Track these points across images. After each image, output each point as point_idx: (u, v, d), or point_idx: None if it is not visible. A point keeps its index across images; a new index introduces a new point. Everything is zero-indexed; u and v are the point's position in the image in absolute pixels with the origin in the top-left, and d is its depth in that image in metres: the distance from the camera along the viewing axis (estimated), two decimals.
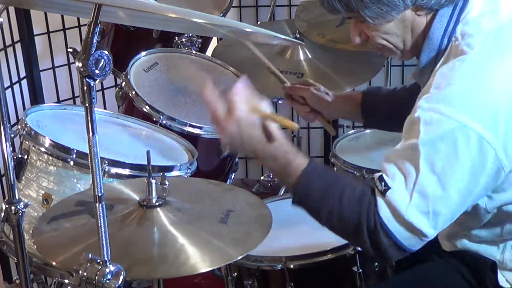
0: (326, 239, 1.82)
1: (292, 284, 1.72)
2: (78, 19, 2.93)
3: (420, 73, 1.54)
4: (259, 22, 3.23)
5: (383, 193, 1.38)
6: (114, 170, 1.79)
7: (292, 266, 1.72)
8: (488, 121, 1.33)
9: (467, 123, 1.33)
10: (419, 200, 1.35)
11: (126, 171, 1.81)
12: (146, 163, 1.51)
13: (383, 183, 1.38)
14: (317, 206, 1.44)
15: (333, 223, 1.44)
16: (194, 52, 2.49)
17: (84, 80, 1.17)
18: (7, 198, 1.59)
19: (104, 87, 3.09)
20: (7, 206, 1.57)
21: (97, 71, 1.17)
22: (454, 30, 1.46)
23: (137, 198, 1.54)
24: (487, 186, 1.39)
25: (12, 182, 1.58)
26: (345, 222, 1.41)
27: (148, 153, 1.51)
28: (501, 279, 1.53)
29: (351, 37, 1.58)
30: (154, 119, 2.12)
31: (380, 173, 1.41)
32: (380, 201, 1.38)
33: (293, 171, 1.44)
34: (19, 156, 1.83)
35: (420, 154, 1.35)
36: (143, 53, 2.35)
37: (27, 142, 1.84)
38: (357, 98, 1.94)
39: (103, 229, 1.25)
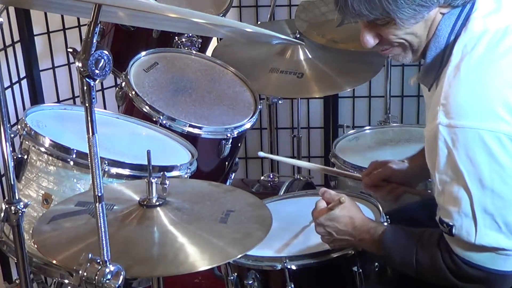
0: None
1: (293, 284, 1.71)
2: (78, 19, 2.93)
3: (425, 73, 1.52)
4: (259, 22, 3.23)
5: (450, 233, 1.41)
6: (114, 170, 1.79)
7: (292, 266, 1.72)
8: (510, 118, 1.33)
9: (490, 127, 1.32)
10: (484, 220, 1.37)
11: (126, 171, 1.81)
12: (146, 163, 1.51)
13: (444, 224, 1.41)
14: (404, 271, 1.59)
15: (425, 278, 1.54)
16: (194, 52, 2.49)
17: (84, 80, 1.17)
18: (7, 198, 1.59)
19: (104, 87, 3.09)
20: (7, 206, 1.57)
21: (97, 71, 1.17)
22: (460, 29, 1.44)
23: (137, 198, 1.54)
24: None
25: (12, 182, 1.58)
26: (432, 276, 1.50)
27: (148, 153, 1.51)
28: None
29: (362, 39, 1.52)
30: (154, 119, 2.12)
31: (438, 217, 1.44)
32: (451, 241, 1.43)
33: (378, 245, 1.59)
34: (19, 156, 1.83)
35: (464, 175, 1.35)
36: (143, 53, 2.35)
37: (27, 142, 1.84)
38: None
39: (103, 229, 1.25)
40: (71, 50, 1.18)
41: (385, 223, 1.73)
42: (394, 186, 1.88)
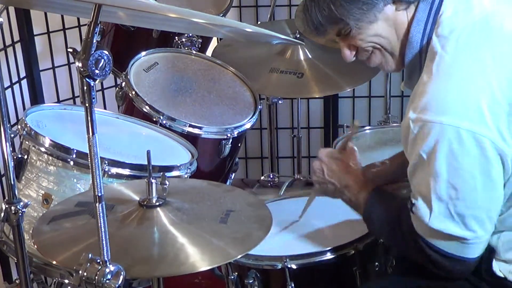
0: (327, 238, 1.82)
1: (293, 283, 1.72)
2: (78, 19, 2.93)
3: (408, 78, 1.59)
4: (259, 22, 3.23)
5: (412, 211, 1.48)
6: (114, 170, 1.79)
7: (292, 266, 1.72)
8: (474, 115, 1.37)
9: (454, 123, 1.37)
10: (438, 207, 1.43)
11: (126, 171, 1.81)
12: (146, 163, 1.51)
13: (410, 201, 1.48)
14: (380, 235, 1.70)
15: (397, 245, 1.64)
16: (194, 52, 2.49)
17: (84, 80, 1.17)
18: (7, 198, 1.59)
19: (104, 87, 3.09)
20: (7, 206, 1.57)
21: (97, 71, 1.17)
22: (431, 31, 1.49)
23: (137, 198, 1.54)
24: (504, 178, 1.42)
25: (12, 182, 1.58)
26: (406, 245, 1.55)
27: (148, 153, 1.51)
28: (495, 267, 1.54)
29: (343, 56, 1.62)
30: (154, 119, 2.12)
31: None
32: (413, 219, 1.49)
33: (361, 197, 1.66)
34: (19, 156, 1.83)
35: (424, 165, 1.42)
36: (143, 53, 2.35)
37: (27, 142, 1.84)
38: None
39: (103, 229, 1.25)
40: (71, 50, 1.18)
41: None
42: None
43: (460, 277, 1.54)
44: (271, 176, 2.87)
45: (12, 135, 1.78)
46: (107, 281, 1.25)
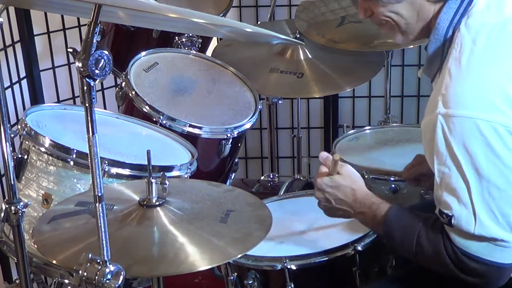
0: (326, 239, 1.82)
1: (292, 284, 1.72)
2: (78, 19, 2.93)
3: (428, 65, 1.56)
4: (259, 22, 3.23)
5: (449, 223, 1.42)
6: (114, 170, 1.79)
7: (292, 267, 1.72)
8: (508, 110, 1.34)
9: (487, 117, 1.34)
10: (483, 210, 1.38)
11: (126, 171, 1.81)
12: (146, 163, 1.51)
13: (444, 215, 1.42)
14: (403, 252, 1.59)
15: (424, 263, 1.54)
16: (194, 52, 2.49)
17: (84, 80, 1.17)
18: (7, 198, 1.59)
19: (104, 87, 3.09)
20: (7, 206, 1.58)
21: (97, 71, 1.17)
22: (459, 22, 1.47)
23: (137, 198, 1.54)
24: None
25: (12, 182, 1.58)
26: (431, 262, 1.50)
27: (148, 153, 1.51)
28: None
29: (358, 11, 1.61)
30: (154, 119, 2.12)
31: (437, 209, 1.45)
32: (450, 231, 1.44)
33: (379, 220, 1.58)
34: (19, 156, 1.83)
35: (461, 164, 1.37)
36: (143, 53, 2.35)
37: (27, 142, 1.84)
38: None
39: (103, 229, 1.25)
40: (71, 50, 1.18)
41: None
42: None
43: (496, 285, 1.48)
44: (271, 176, 2.87)
45: (12, 135, 1.78)
46: (107, 281, 1.25)
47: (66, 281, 1.82)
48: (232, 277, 1.80)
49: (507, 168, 1.36)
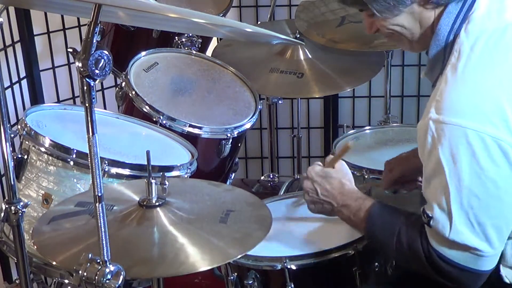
0: (327, 239, 1.82)
1: (292, 284, 1.71)
2: (78, 19, 2.93)
3: (430, 69, 1.56)
4: (259, 22, 3.23)
5: (428, 224, 1.44)
6: (114, 170, 1.79)
7: (292, 266, 1.72)
8: (499, 121, 1.34)
9: (477, 127, 1.34)
10: (460, 218, 1.39)
11: (126, 171, 1.81)
12: (146, 163, 1.51)
13: (425, 215, 1.44)
14: (383, 248, 1.65)
15: (400, 259, 1.62)
16: (194, 52, 2.49)
17: (84, 80, 1.17)
18: (7, 198, 1.59)
19: (104, 87, 3.09)
20: (7, 206, 1.58)
21: (97, 71, 1.17)
22: (460, 27, 1.46)
23: (137, 198, 1.54)
24: None
25: (12, 182, 1.58)
26: (409, 259, 1.53)
27: (148, 153, 1.51)
28: (503, 273, 1.53)
29: (366, 28, 1.63)
30: (154, 119, 2.12)
31: (422, 207, 1.47)
32: (428, 232, 1.45)
33: (363, 216, 1.60)
34: (19, 156, 1.83)
35: (445, 170, 1.38)
36: (143, 53, 2.35)
37: (27, 142, 1.84)
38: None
39: (103, 229, 1.25)
40: (71, 50, 1.18)
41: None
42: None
43: None
44: (271, 176, 2.87)
45: (12, 135, 1.77)
46: (107, 281, 1.25)
47: (66, 281, 1.82)
48: (232, 277, 1.80)
49: (488, 179, 1.36)
